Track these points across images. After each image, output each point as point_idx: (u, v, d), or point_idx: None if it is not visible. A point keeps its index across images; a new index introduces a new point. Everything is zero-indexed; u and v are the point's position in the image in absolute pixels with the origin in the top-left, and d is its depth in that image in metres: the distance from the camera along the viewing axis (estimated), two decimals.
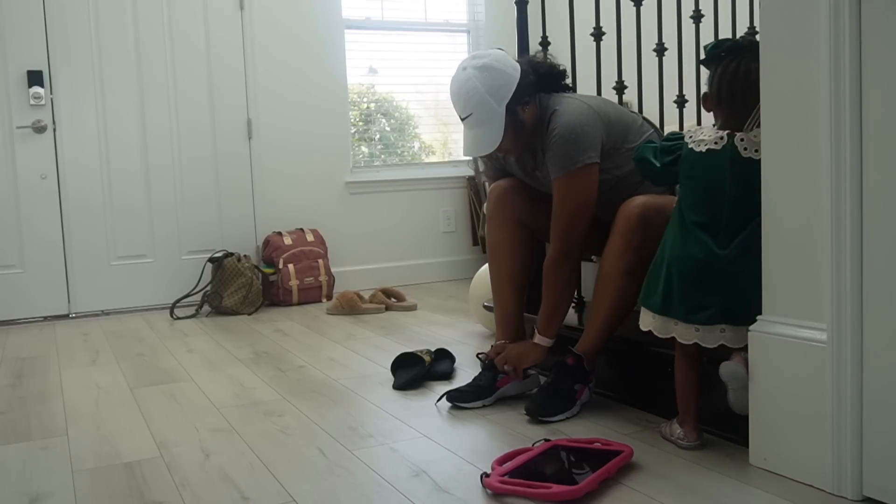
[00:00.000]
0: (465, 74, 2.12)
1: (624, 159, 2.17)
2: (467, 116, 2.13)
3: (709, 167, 1.77)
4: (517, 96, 2.12)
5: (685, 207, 1.81)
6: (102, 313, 4.09)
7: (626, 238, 2.03)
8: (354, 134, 4.73)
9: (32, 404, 2.47)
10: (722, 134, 1.76)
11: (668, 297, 1.79)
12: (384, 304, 3.94)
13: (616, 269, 2.06)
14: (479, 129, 2.13)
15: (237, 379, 2.68)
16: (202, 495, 1.70)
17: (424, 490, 1.68)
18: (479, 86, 2.09)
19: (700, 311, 1.74)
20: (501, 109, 2.11)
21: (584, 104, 2.15)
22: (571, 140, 2.08)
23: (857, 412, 1.52)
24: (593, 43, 2.58)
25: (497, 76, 2.11)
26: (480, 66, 2.11)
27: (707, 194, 1.77)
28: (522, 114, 2.15)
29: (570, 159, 2.08)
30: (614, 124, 2.16)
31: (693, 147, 1.79)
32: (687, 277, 1.76)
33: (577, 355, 2.12)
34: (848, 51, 1.47)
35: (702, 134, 1.80)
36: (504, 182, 2.39)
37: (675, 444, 1.87)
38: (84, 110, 4.01)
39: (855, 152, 1.49)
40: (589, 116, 2.11)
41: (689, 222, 1.78)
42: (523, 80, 2.14)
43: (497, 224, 2.37)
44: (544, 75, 2.23)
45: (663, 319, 1.80)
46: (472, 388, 2.27)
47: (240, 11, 4.29)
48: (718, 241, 1.74)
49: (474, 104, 2.11)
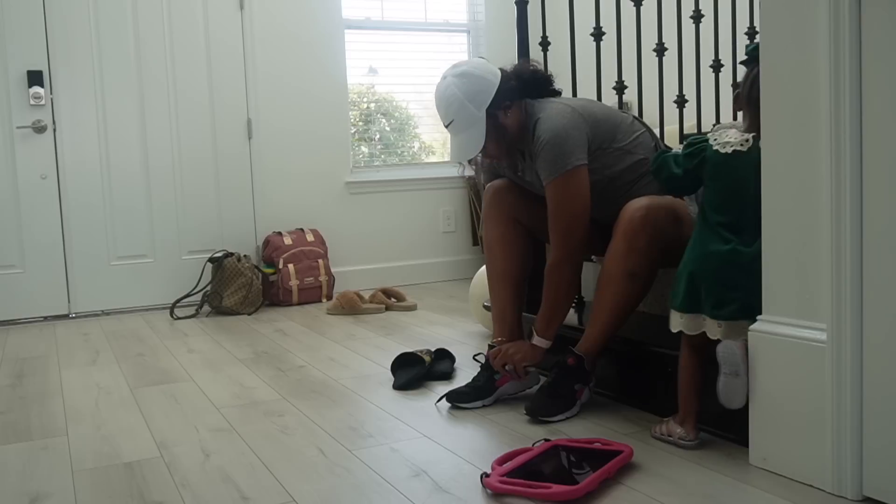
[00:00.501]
0: (445, 83, 2.18)
1: (614, 158, 2.18)
2: (450, 123, 2.19)
3: (734, 168, 1.77)
4: (497, 101, 2.16)
5: (709, 209, 1.82)
6: (102, 313, 4.09)
7: (629, 240, 2.03)
8: (354, 134, 4.73)
9: (32, 404, 2.47)
10: (748, 136, 1.77)
11: (693, 294, 1.79)
12: (384, 304, 3.94)
13: (618, 271, 2.06)
14: (461, 134, 2.18)
15: (237, 379, 2.68)
16: (202, 495, 1.70)
17: (424, 490, 1.68)
18: (458, 93, 2.15)
19: (725, 307, 1.75)
20: (481, 114, 2.15)
21: (567, 107, 2.16)
22: (557, 144, 2.09)
23: (857, 412, 1.52)
24: (593, 43, 2.59)
25: (475, 82, 2.16)
26: (459, 74, 2.17)
27: (732, 195, 1.78)
28: (504, 118, 2.18)
29: (558, 164, 2.10)
30: (601, 124, 2.17)
31: (718, 149, 1.80)
32: (711, 274, 1.77)
33: (578, 356, 2.12)
34: (848, 51, 1.47)
35: (727, 136, 1.80)
36: (499, 181, 2.42)
37: (675, 444, 1.87)
38: (84, 110, 4.01)
39: (855, 152, 1.49)
40: (572, 119, 2.13)
41: (714, 223, 1.79)
42: (503, 84, 2.18)
43: (492, 222, 2.39)
44: (528, 80, 2.26)
45: (691, 317, 1.81)
46: (471, 388, 2.27)
47: (240, 11, 4.29)
48: (743, 240, 1.75)
49: (455, 110, 2.16)
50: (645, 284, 2.07)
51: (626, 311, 2.10)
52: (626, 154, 2.18)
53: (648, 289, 2.10)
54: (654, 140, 2.26)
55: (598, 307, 2.12)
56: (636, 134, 2.22)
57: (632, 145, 2.19)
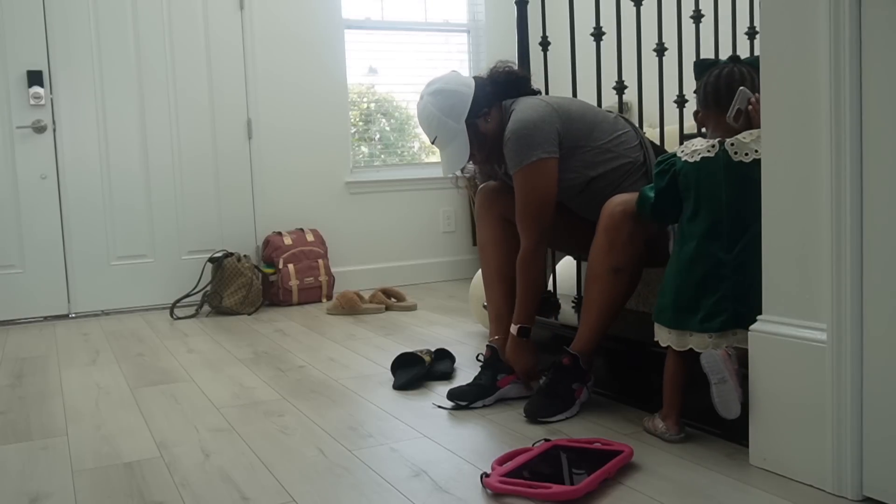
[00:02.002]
0: (422, 103, 2.26)
1: (593, 157, 2.19)
2: (434, 139, 2.27)
3: (704, 175, 1.80)
4: (474, 110, 2.23)
5: (685, 220, 1.84)
6: (102, 313, 4.09)
7: (610, 236, 2.04)
8: (354, 134, 4.73)
9: (32, 404, 2.47)
10: (713, 141, 1.80)
11: (680, 310, 1.81)
12: (384, 304, 3.94)
13: (602, 268, 2.06)
14: (446, 148, 2.26)
15: (237, 379, 2.68)
16: (202, 495, 1.70)
17: (424, 490, 1.68)
18: (435, 110, 2.22)
19: (714, 319, 1.76)
20: (461, 126, 2.22)
21: (541, 102, 2.20)
22: (523, 136, 2.13)
23: (857, 412, 1.52)
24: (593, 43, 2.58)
25: (448, 97, 2.23)
26: (433, 92, 2.25)
27: (706, 202, 1.80)
28: (484, 125, 2.25)
29: (524, 155, 2.14)
30: (575, 121, 2.19)
31: (687, 159, 1.83)
32: (696, 285, 1.78)
33: (573, 354, 2.12)
34: (848, 51, 1.47)
35: (693, 146, 1.83)
36: (490, 183, 2.46)
37: (660, 438, 1.91)
38: (84, 110, 4.01)
39: (855, 152, 1.49)
40: (544, 113, 2.16)
41: (690, 233, 1.82)
42: (479, 92, 2.25)
43: (485, 223, 2.42)
44: (503, 83, 2.32)
45: (678, 333, 1.83)
46: (473, 387, 2.27)
47: (240, 11, 4.29)
48: (723, 246, 1.77)
49: (435, 127, 2.24)
50: (630, 279, 2.08)
51: (615, 307, 2.10)
52: (606, 153, 2.20)
53: (635, 283, 2.10)
54: (640, 138, 2.28)
55: (586, 305, 2.13)
56: (618, 133, 2.23)
57: (612, 143, 2.21)
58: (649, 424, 1.96)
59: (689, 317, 1.79)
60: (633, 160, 2.22)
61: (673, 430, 1.89)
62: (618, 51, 2.59)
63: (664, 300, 1.86)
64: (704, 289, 1.77)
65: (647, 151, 2.27)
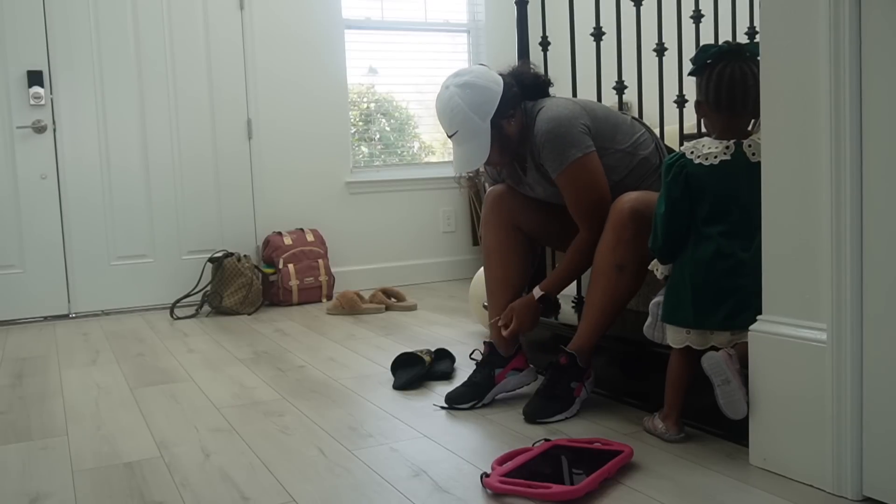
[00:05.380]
0: (447, 93, 2.14)
1: (616, 161, 2.17)
2: (454, 134, 2.15)
3: (721, 178, 1.77)
4: (501, 111, 2.13)
5: (700, 222, 1.81)
6: (102, 313, 4.09)
7: (618, 232, 2.03)
8: (354, 134, 4.73)
9: (32, 404, 2.47)
10: (728, 143, 1.77)
11: (700, 309, 1.79)
12: (384, 304, 3.94)
13: (607, 264, 2.06)
14: (466, 145, 2.15)
15: (237, 379, 2.68)
16: (202, 495, 1.70)
17: (424, 490, 1.68)
18: (462, 103, 2.11)
19: (738, 316, 1.75)
20: (486, 125, 2.12)
21: (567, 100, 2.17)
22: (560, 135, 2.08)
23: (857, 412, 1.52)
24: (593, 43, 2.59)
25: (479, 93, 2.12)
26: (462, 84, 2.12)
27: (724, 205, 1.78)
28: (508, 127, 2.16)
29: (564, 155, 2.08)
30: (601, 121, 2.16)
31: (701, 162, 1.79)
32: (716, 284, 1.77)
33: (570, 353, 2.11)
34: (848, 51, 1.47)
35: (705, 147, 1.79)
36: (499, 186, 2.38)
37: (660, 438, 1.90)
38: (84, 110, 4.01)
39: (855, 153, 1.49)
40: (574, 109, 2.12)
41: (707, 234, 1.79)
42: (507, 93, 2.15)
43: (492, 228, 2.36)
44: (529, 86, 2.23)
45: (699, 332, 1.81)
46: (468, 386, 2.26)
47: (240, 11, 4.29)
48: (742, 245, 1.76)
49: (459, 122, 2.12)
50: (634, 277, 2.05)
51: (617, 306, 2.09)
52: (627, 156, 2.18)
53: (639, 282, 2.08)
54: (655, 140, 2.26)
55: (589, 302, 2.12)
56: (637, 135, 2.21)
57: (633, 147, 2.19)
58: (649, 424, 1.96)
59: (711, 316, 1.78)
60: (651, 163, 2.20)
61: (673, 430, 1.89)
62: (618, 51, 2.59)
63: (678, 300, 1.83)
64: (726, 287, 1.76)
65: (663, 154, 2.25)
